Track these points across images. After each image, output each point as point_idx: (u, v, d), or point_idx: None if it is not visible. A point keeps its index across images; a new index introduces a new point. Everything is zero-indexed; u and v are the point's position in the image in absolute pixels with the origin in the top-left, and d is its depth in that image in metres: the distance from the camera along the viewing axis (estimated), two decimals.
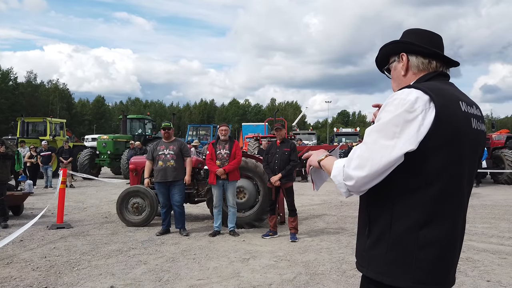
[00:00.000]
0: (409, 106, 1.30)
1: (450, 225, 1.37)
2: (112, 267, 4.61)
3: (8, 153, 6.97)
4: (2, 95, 56.29)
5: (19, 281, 4.11)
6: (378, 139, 1.31)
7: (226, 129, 6.53)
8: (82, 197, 11.08)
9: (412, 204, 1.34)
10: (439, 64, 1.51)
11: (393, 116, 1.30)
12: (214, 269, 4.59)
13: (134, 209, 6.98)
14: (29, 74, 66.90)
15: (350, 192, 1.39)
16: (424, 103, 1.30)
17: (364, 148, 1.34)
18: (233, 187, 6.38)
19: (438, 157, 1.31)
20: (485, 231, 6.66)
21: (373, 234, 1.41)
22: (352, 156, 1.36)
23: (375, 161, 1.30)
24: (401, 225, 1.35)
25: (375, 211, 1.42)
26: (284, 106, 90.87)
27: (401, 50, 1.53)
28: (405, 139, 1.28)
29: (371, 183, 1.33)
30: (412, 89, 1.35)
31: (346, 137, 28.82)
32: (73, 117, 67.24)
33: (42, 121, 19.22)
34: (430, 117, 1.29)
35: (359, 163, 1.32)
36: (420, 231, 1.33)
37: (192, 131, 31.11)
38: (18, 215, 8.01)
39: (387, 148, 1.29)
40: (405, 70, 1.53)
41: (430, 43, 1.51)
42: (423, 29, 1.56)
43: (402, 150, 1.28)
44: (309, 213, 8.47)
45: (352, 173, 1.33)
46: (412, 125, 1.28)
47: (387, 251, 1.36)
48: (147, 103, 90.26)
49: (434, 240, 1.33)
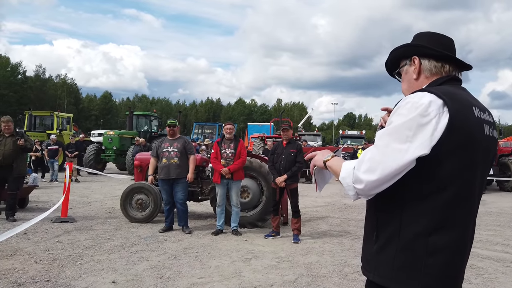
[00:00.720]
0: (423, 109, 1.27)
1: (460, 231, 1.35)
2: (114, 263, 4.63)
3: (27, 146, 6.89)
4: (10, 88, 56.77)
5: (22, 273, 4.14)
6: (390, 143, 1.29)
7: (231, 128, 6.53)
8: (86, 192, 11.14)
9: (423, 210, 1.32)
10: (452, 67, 1.48)
11: (406, 120, 1.28)
12: (216, 268, 4.59)
13: (138, 205, 7.01)
14: (38, 68, 67.53)
15: (359, 195, 1.36)
16: (438, 107, 1.28)
17: (375, 151, 1.32)
18: (237, 187, 6.37)
19: (451, 163, 1.29)
20: (490, 239, 6.60)
21: (381, 239, 1.39)
22: (363, 158, 1.34)
23: (386, 165, 1.27)
24: (410, 231, 1.32)
25: (384, 216, 1.40)
26: (290, 107, 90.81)
27: (413, 53, 1.51)
28: (418, 143, 1.26)
29: (381, 187, 1.31)
30: (425, 92, 1.32)
31: (351, 139, 28.74)
32: (80, 112, 67.68)
33: (49, 115, 19.35)
34: (443, 121, 1.27)
35: (370, 166, 1.30)
36: (430, 237, 1.31)
37: (197, 129, 31.20)
38: (23, 207, 8.07)
39: (399, 152, 1.27)
40: (417, 73, 1.50)
41: (443, 46, 1.49)
42: (435, 32, 1.54)
43: (415, 154, 1.26)
44: (313, 215, 8.45)
45: (362, 176, 1.30)
46: (426, 129, 1.26)
47: (395, 257, 1.34)
48: (153, 100, 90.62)
49: (444, 247, 1.31)
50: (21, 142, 6.68)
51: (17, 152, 6.81)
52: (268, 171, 6.63)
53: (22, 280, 3.94)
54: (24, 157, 7.22)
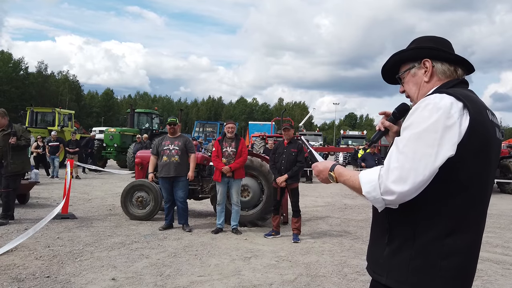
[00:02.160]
0: (446, 111, 1.26)
1: (474, 234, 1.36)
2: (114, 260, 4.64)
3: (20, 144, 6.38)
4: (12, 84, 56.82)
5: (22, 269, 4.15)
6: (418, 148, 1.25)
7: (232, 126, 6.53)
8: (87, 189, 11.16)
9: (439, 213, 1.31)
10: (463, 71, 1.49)
11: (431, 123, 1.25)
12: (215, 266, 4.60)
13: (138, 203, 7.02)
14: (40, 64, 67.59)
15: (387, 206, 1.32)
16: (459, 109, 1.27)
17: (403, 158, 1.26)
18: (237, 185, 6.38)
19: (468, 166, 1.29)
20: (490, 241, 6.60)
21: (394, 242, 1.37)
22: (388, 167, 1.28)
23: (419, 172, 1.23)
24: (426, 234, 1.31)
25: (397, 219, 1.37)
26: (292, 106, 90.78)
27: (425, 56, 1.48)
28: (446, 146, 1.24)
29: (414, 195, 1.27)
30: (444, 94, 1.30)
31: (352, 139, 28.69)
32: (82, 108, 67.71)
33: (51, 112, 19.36)
34: (465, 124, 1.26)
35: (400, 175, 1.24)
36: (445, 240, 1.30)
37: (199, 128, 31.21)
38: (24, 203, 8.09)
39: (430, 156, 1.23)
40: (430, 76, 1.48)
41: (450, 49, 1.49)
42: (439, 36, 1.53)
43: (445, 157, 1.23)
44: (313, 215, 8.45)
45: (393, 187, 1.25)
46: (452, 130, 1.25)
47: (410, 260, 1.33)
48: (155, 98, 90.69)
49: (459, 249, 1.31)
50: (12, 140, 6.21)
51: (9, 149, 6.30)
52: (268, 170, 6.63)
53: (22, 276, 3.95)
54: (25, 153, 6.74)
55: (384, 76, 1.66)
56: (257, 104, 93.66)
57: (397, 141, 1.32)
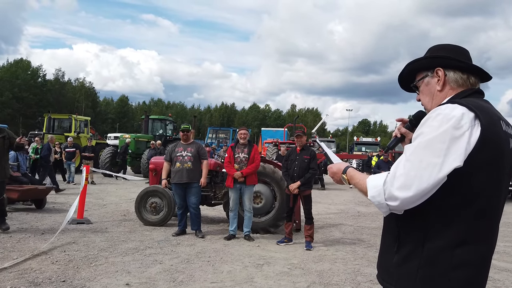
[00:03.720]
0: (456, 122, 1.26)
1: (485, 245, 1.35)
2: (128, 265, 4.69)
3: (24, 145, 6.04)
4: (30, 91, 58.08)
5: (39, 273, 4.23)
6: (424, 157, 1.26)
7: (245, 133, 6.57)
8: (102, 194, 11.32)
9: (449, 223, 1.30)
10: (477, 79, 1.48)
11: (439, 133, 1.26)
12: (228, 273, 4.61)
13: (152, 208, 7.09)
14: (58, 71, 68.94)
15: (392, 211, 1.34)
16: (470, 120, 1.26)
17: (409, 166, 1.28)
18: (250, 191, 6.39)
19: (480, 177, 1.28)
20: (507, 250, 6.45)
21: (403, 250, 1.37)
22: (394, 173, 1.30)
23: (423, 180, 1.24)
24: (435, 243, 1.31)
25: (407, 227, 1.37)
26: (304, 112, 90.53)
27: (437, 65, 1.49)
28: (453, 156, 1.24)
29: (417, 202, 1.28)
30: (456, 104, 1.30)
31: (366, 146, 28.47)
32: (97, 115, 68.76)
33: (67, 118, 19.76)
34: (475, 135, 1.25)
35: (405, 182, 1.26)
36: (455, 251, 1.29)
37: (212, 134, 31.39)
38: (41, 208, 8.25)
39: (435, 166, 1.24)
40: (442, 85, 1.48)
41: (465, 58, 1.48)
42: (453, 44, 1.52)
43: (450, 168, 1.24)
44: (325, 222, 8.40)
45: (397, 193, 1.27)
46: (460, 142, 1.24)
47: (418, 269, 1.32)
48: (169, 104, 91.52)
49: (469, 260, 1.30)
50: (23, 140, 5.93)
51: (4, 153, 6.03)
52: (281, 177, 6.63)
53: (39, 280, 4.03)
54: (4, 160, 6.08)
55: (401, 84, 1.67)
56: (269, 111, 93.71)
57: (406, 149, 1.34)
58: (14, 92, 55.41)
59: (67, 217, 6.05)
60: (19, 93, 56.07)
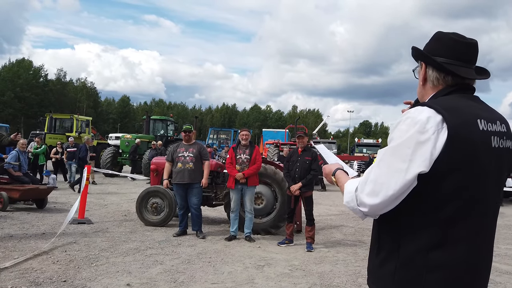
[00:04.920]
0: (421, 126, 1.24)
1: (465, 248, 1.30)
2: (129, 265, 4.69)
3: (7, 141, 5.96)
4: (32, 91, 58.16)
5: (39, 273, 4.23)
6: (391, 162, 1.26)
7: (247, 134, 6.57)
8: (103, 194, 11.33)
9: (423, 226, 1.29)
10: (457, 79, 1.41)
11: (406, 138, 1.25)
12: (229, 273, 4.61)
13: (153, 209, 7.09)
14: (59, 71, 69.05)
15: (366, 216, 1.35)
16: (436, 124, 1.24)
17: (378, 172, 1.29)
18: (251, 192, 6.39)
19: (451, 180, 1.26)
20: (509, 253, 6.44)
21: (383, 252, 1.38)
22: (366, 179, 1.30)
23: (390, 186, 1.24)
24: (410, 246, 1.30)
25: (385, 231, 1.38)
26: (306, 113, 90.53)
27: (420, 58, 1.48)
28: (418, 162, 1.23)
29: (387, 208, 1.29)
30: (424, 107, 1.28)
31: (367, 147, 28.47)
32: (99, 115, 68.83)
33: (69, 118, 19.81)
34: (442, 138, 1.23)
35: (373, 188, 1.27)
36: (430, 253, 1.28)
37: (213, 135, 31.42)
38: (42, 208, 8.26)
39: (400, 171, 1.24)
40: (423, 80, 1.47)
41: (453, 53, 1.41)
42: (452, 36, 1.43)
43: (415, 173, 1.23)
44: (327, 223, 8.39)
45: (366, 199, 1.28)
46: (425, 146, 1.23)
47: (395, 271, 1.32)
48: (170, 105, 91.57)
49: (444, 263, 1.27)
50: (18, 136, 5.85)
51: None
52: (282, 178, 6.63)
53: (40, 280, 4.03)
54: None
55: None
56: (271, 112, 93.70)
57: (378, 154, 1.36)
58: (16, 92, 55.50)
59: (68, 217, 6.05)
60: (21, 93, 56.16)
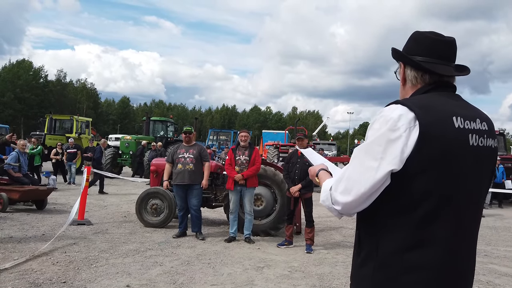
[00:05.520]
0: (392, 124, 1.23)
1: (441, 249, 1.26)
2: (128, 267, 4.70)
3: None
4: (32, 92, 58.17)
5: (39, 274, 4.24)
6: (363, 160, 1.26)
7: (246, 135, 6.58)
8: (103, 195, 11.33)
9: (398, 226, 1.27)
10: (435, 76, 1.39)
11: (378, 136, 1.25)
12: (228, 275, 4.61)
13: (153, 210, 7.09)
14: (59, 72, 69.06)
15: (341, 215, 1.34)
16: (408, 121, 1.23)
17: (351, 170, 1.29)
18: (250, 194, 6.40)
19: (424, 179, 1.23)
20: (508, 255, 6.44)
21: (363, 253, 1.36)
22: (340, 178, 1.30)
23: (361, 184, 1.24)
24: (387, 247, 1.28)
25: (364, 231, 1.37)
26: (306, 115, 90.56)
27: (398, 58, 1.47)
28: (388, 159, 1.21)
29: (360, 206, 1.28)
30: (398, 105, 1.28)
31: None
32: (99, 116, 68.82)
33: (69, 119, 19.80)
34: (414, 136, 1.21)
35: (346, 186, 1.27)
36: (406, 255, 1.25)
37: (213, 136, 31.46)
38: (42, 209, 8.26)
39: (372, 169, 1.23)
40: (402, 79, 1.46)
41: (431, 51, 1.40)
42: (428, 34, 1.42)
43: (386, 171, 1.21)
44: (326, 225, 8.40)
45: (339, 197, 1.28)
46: (395, 144, 1.22)
47: (373, 272, 1.30)
48: (170, 106, 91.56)
49: (420, 265, 1.25)
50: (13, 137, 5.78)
51: None
52: (282, 179, 6.64)
53: (40, 281, 4.03)
54: None
55: None
56: (271, 113, 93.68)
57: (354, 151, 1.35)
58: (16, 93, 55.53)
59: (69, 219, 6.07)
60: (20, 94, 56.19)
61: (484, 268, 5.42)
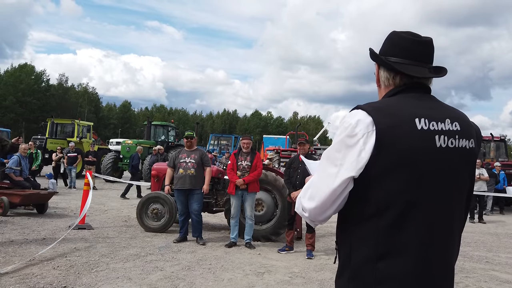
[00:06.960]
0: (350, 130, 1.22)
1: (413, 257, 1.20)
2: (129, 271, 4.69)
3: None
4: (34, 96, 58.33)
5: (40, 279, 4.23)
6: (326, 167, 1.26)
7: (248, 142, 6.59)
8: (103, 200, 11.32)
9: (367, 234, 1.22)
10: (406, 78, 1.34)
11: (337, 142, 1.24)
12: (229, 280, 4.60)
13: (154, 215, 7.09)
14: (61, 76, 69.27)
15: (313, 222, 1.33)
16: (365, 126, 1.20)
17: (316, 176, 1.29)
18: (251, 199, 6.40)
19: (386, 184, 1.19)
20: (510, 261, 6.41)
21: (340, 262, 1.34)
22: (309, 185, 1.30)
23: (322, 191, 1.23)
24: (359, 256, 1.24)
25: (338, 238, 1.35)
26: (306, 120, 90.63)
27: (372, 59, 1.43)
28: (346, 166, 1.20)
29: (326, 213, 1.26)
30: (358, 110, 1.25)
31: None
32: (100, 120, 68.92)
33: (70, 123, 19.87)
34: (371, 141, 1.18)
35: (311, 193, 1.27)
36: (378, 264, 1.20)
37: (213, 141, 31.44)
38: (43, 213, 8.26)
39: (331, 176, 1.22)
40: (377, 81, 1.43)
41: (405, 52, 1.34)
42: (403, 34, 1.37)
43: (343, 177, 1.19)
44: (327, 231, 8.38)
45: (306, 204, 1.28)
46: (353, 150, 1.20)
47: (348, 281, 1.26)
48: (171, 110, 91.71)
49: (393, 274, 1.19)
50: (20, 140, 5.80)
51: None
52: (283, 184, 6.64)
53: (40, 285, 4.03)
54: None
55: None
56: (271, 118, 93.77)
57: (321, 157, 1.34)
58: (17, 97, 55.67)
59: (75, 223, 6.07)
60: (22, 98, 56.33)
61: (485, 275, 5.40)
